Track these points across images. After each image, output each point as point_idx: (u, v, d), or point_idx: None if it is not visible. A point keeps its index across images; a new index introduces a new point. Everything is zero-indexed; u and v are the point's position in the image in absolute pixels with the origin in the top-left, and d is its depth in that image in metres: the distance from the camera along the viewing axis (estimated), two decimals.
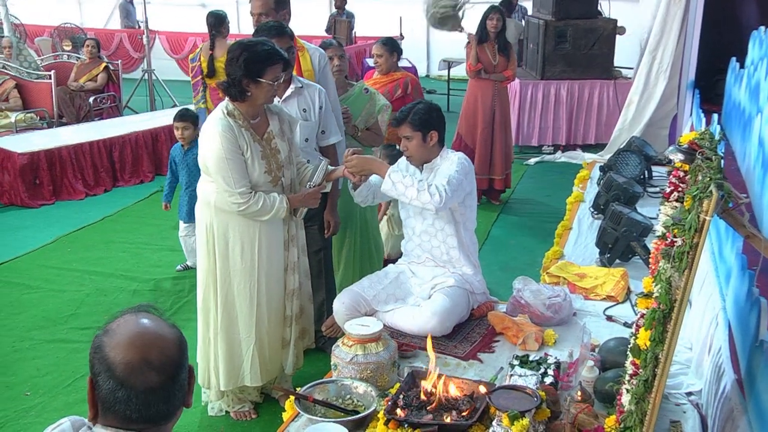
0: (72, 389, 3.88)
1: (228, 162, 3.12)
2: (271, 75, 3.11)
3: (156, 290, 4.98)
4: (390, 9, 13.08)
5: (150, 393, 1.40)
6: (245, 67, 3.08)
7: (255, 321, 3.32)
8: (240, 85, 3.11)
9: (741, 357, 2.37)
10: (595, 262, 4.14)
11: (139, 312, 1.49)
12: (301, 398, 2.66)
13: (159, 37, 14.15)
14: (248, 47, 3.14)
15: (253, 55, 3.09)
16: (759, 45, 4.47)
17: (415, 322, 3.25)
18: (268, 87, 3.12)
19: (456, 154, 3.43)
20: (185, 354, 1.49)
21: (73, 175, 7.16)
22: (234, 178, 3.13)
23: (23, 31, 11.92)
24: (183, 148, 5.22)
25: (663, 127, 7.72)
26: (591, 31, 8.58)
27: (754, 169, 3.51)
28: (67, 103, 8.96)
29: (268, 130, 3.27)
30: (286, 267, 3.41)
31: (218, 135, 3.11)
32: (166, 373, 1.42)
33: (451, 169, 3.30)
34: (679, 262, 2.03)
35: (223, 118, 3.15)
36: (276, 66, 3.12)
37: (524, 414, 2.27)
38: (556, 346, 3.17)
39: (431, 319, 3.20)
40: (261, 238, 3.29)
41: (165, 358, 1.42)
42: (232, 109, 3.18)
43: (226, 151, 3.11)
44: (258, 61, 3.09)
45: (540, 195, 7.12)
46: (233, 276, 3.31)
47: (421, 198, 3.15)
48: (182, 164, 5.19)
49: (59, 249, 5.81)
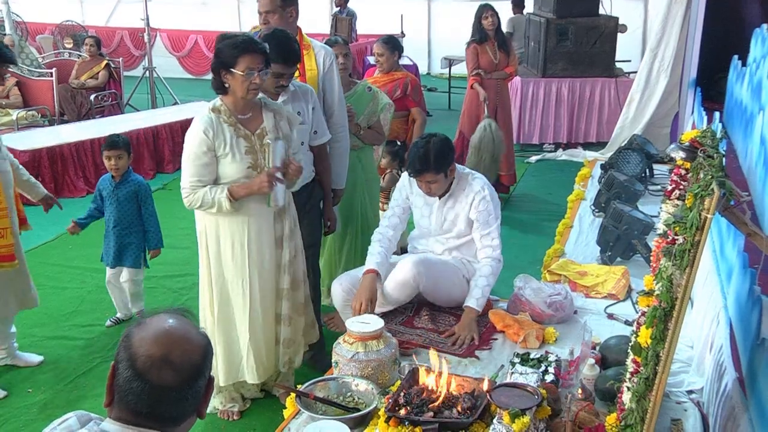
0: (74, 386, 3.88)
1: (189, 157, 3.14)
2: (244, 65, 3.05)
3: (157, 287, 4.98)
4: (391, 7, 13.08)
5: (163, 390, 1.41)
6: (217, 57, 3.10)
7: (248, 319, 3.32)
8: (219, 77, 3.12)
9: (742, 355, 2.37)
10: (596, 260, 4.14)
11: (174, 312, 1.51)
12: (302, 395, 2.66)
13: (160, 35, 14.16)
14: (225, 38, 3.13)
15: (226, 44, 3.08)
16: (761, 43, 4.46)
17: (396, 271, 3.35)
18: (242, 78, 3.06)
19: (476, 181, 3.46)
20: (208, 362, 1.50)
21: (75, 173, 7.16)
22: (188, 172, 3.16)
23: (25, 28, 11.92)
24: (113, 180, 4.39)
25: (664, 125, 7.71)
26: (592, 29, 8.57)
27: (756, 167, 3.51)
28: (69, 100, 8.97)
29: (261, 126, 3.23)
30: (279, 266, 3.38)
31: (193, 130, 3.14)
32: (184, 374, 1.43)
33: (477, 204, 3.39)
34: (680, 260, 2.03)
35: (207, 113, 3.16)
36: (249, 56, 3.05)
37: (525, 412, 2.28)
38: (557, 344, 3.17)
39: (404, 267, 3.33)
40: (251, 236, 3.27)
41: (186, 360, 1.43)
42: (219, 104, 3.19)
43: (192, 145, 3.13)
44: (230, 49, 3.06)
45: (541, 193, 7.11)
46: (226, 274, 3.32)
47: (496, 275, 3.39)
48: (111, 199, 4.38)
49: (61, 246, 5.81)
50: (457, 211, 3.47)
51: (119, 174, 4.36)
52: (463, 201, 3.45)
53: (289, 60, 3.46)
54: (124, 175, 4.36)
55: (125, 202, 4.34)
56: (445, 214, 3.50)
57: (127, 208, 4.32)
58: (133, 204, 4.33)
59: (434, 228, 3.54)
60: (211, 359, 1.52)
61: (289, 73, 3.50)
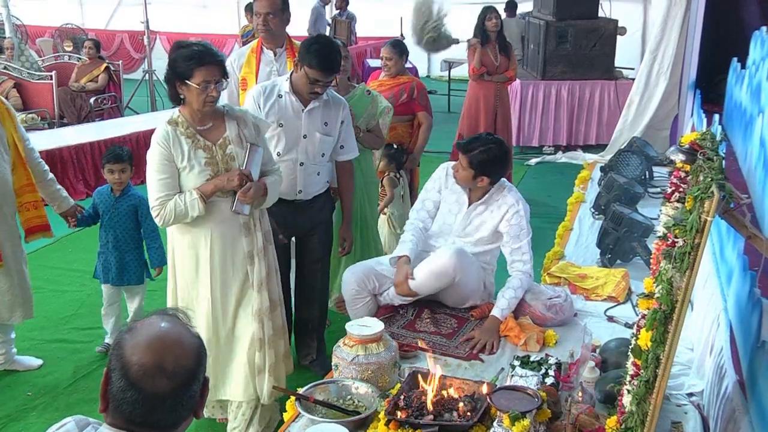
0: (73, 389, 3.88)
1: (152, 173, 2.99)
2: (200, 78, 2.88)
3: (156, 291, 4.97)
4: (391, 9, 13.09)
5: (157, 399, 1.38)
6: (172, 68, 2.93)
7: (212, 340, 3.14)
8: (174, 88, 2.97)
9: (742, 358, 2.37)
10: (596, 263, 4.14)
11: (165, 315, 1.48)
12: (302, 399, 2.66)
13: (160, 38, 14.17)
14: (180, 46, 2.97)
15: (180, 55, 2.91)
16: (761, 45, 4.46)
17: (433, 260, 3.34)
18: (198, 91, 2.90)
19: (511, 194, 3.50)
20: (201, 364, 1.47)
21: (74, 176, 7.16)
22: (154, 189, 2.99)
23: (25, 32, 11.94)
24: (113, 194, 4.14)
25: (664, 127, 7.72)
26: (592, 31, 8.58)
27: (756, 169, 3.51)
28: (68, 103, 8.97)
29: (224, 136, 3.05)
30: (252, 284, 3.16)
31: (153, 144, 3.00)
32: (178, 381, 1.40)
33: (510, 218, 3.42)
34: (680, 263, 2.03)
35: (164, 126, 3.01)
36: (205, 68, 2.89)
37: (525, 415, 2.27)
38: (557, 347, 3.17)
39: (443, 254, 3.32)
40: (214, 249, 3.09)
41: (179, 366, 1.40)
42: (177, 116, 3.03)
43: (153, 162, 2.99)
44: (184, 61, 2.89)
45: (541, 195, 7.11)
46: (191, 291, 3.16)
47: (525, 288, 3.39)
48: (110, 214, 4.12)
49: (60, 249, 5.81)
50: (484, 218, 3.48)
51: (120, 188, 4.13)
52: (494, 211, 3.46)
53: (328, 69, 3.41)
54: (124, 189, 4.13)
55: (125, 217, 4.12)
56: (471, 219, 3.50)
57: (128, 224, 4.12)
58: (133, 219, 4.13)
59: (457, 228, 3.54)
60: (205, 361, 1.49)
61: (325, 81, 3.44)
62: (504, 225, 3.44)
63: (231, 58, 3.95)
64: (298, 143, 3.54)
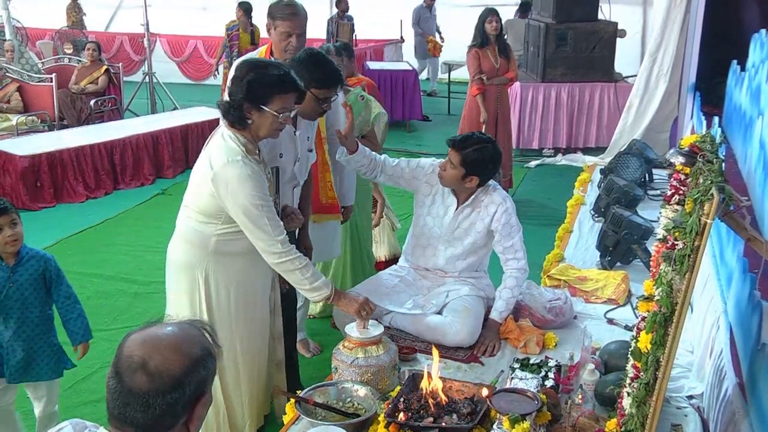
0: (73, 392, 3.88)
1: (262, 208, 2.69)
2: (279, 104, 2.68)
3: (156, 293, 4.98)
4: (390, 12, 13.09)
5: (132, 394, 1.38)
6: (248, 90, 2.66)
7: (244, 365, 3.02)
8: (240, 110, 2.69)
9: (742, 360, 2.37)
10: (596, 265, 4.13)
11: (184, 323, 1.49)
12: (302, 401, 2.66)
13: (160, 40, 14.18)
14: (258, 66, 2.73)
15: (260, 77, 2.67)
16: (760, 48, 4.46)
17: (447, 334, 3.21)
18: (273, 118, 2.69)
19: (497, 192, 3.39)
20: (192, 375, 1.42)
21: (74, 178, 7.16)
22: (272, 225, 2.71)
23: (25, 34, 11.94)
24: (5, 263, 2.97)
25: (664, 130, 7.72)
26: (592, 34, 8.59)
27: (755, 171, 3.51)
28: (68, 105, 8.98)
29: (262, 158, 2.89)
30: (272, 309, 3.10)
31: (243, 180, 2.66)
32: (157, 383, 1.38)
33: (500, 216, 3.32)
34: (680, 265, 2.03)
35: (241, 156, 2.69)
36: (286, 96, 2.71)
37: (525, 417, 2.27)
38: (557, 349, 3.17)
39: (461, 331, 3.21)
40: (258, 280, 2.97)
41: (164, 369, 1.39)
42: (245, 141, 2.74)
43: (260, 196, 2.68)
44: (265, 86, 2.67)
45: (541, 198, 7.12)
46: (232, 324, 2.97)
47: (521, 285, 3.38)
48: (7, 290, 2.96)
49: (60, 251, 5.80)
50: (473, 220, 3.38)
51: (14, 253, 2.97)
52: (482, 212, 3.36)
53: (337, 82, 3.23)
54: (20, 252, 3.00)
55: (29, 290, 3.01)
56: (459, 222, 3.39)
57: (33, 299, 3.02)
58: (40, 289, 3.05)
59: (445, 232, 3.42)
60: (203, 375, 1.44)
61: (335, 94, 3.30)
62: (495, 224, 3.35)
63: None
64: (294, 167, 3.29)
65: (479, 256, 3.49)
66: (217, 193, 2.71)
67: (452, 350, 3.18)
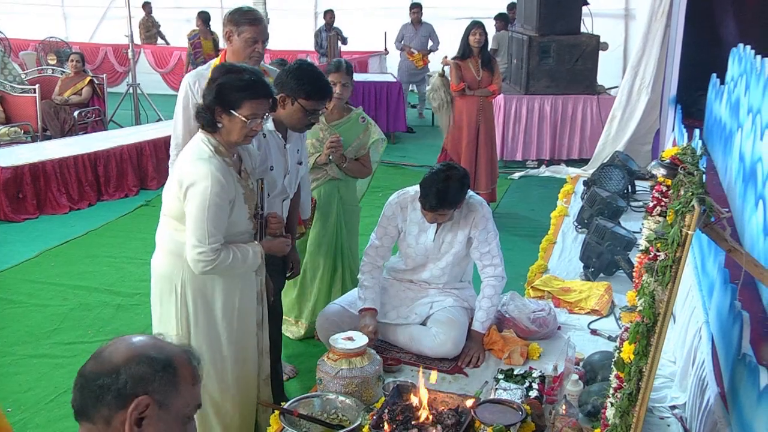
0: (55, 405, 3.83)
1: (210, 210, 2.62)
2: (249, 110, 2.64)
3: (140, 305, 4.94)
4: (375, 23, 13.14)
5: (78, 376, 1.47)
6: (218, 94, 2.65)
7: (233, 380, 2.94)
8: (212, 113, 2.67)
9: (724, 370, 2.39)
10: (579, 276, 4.16)
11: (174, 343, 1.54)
12: (286, 413, 2.65)
13: (144, 51, 14.14)
14: (230, 71, 2.72)
15: (231, 81, 2.66)
16: (738, 62, 4.53)
17: (431, 346, 3.24)
18: (242, 124, 2.65)
19: (472, 199, 3.41)
20: (130, 368, 1.42)
21: (58, 189, 7.11)
22: (209, 230, 2.63)
23: (8, 44, 11.88)
24: None
25: (646, 142, 7.79)
26: (574, 46, 8.66)
27: (736, 183, 3.55)
28: (52, 116, 8.92)
29: (243, 168, 2.83)
30: (259, 323, 2.99)
31: (208, 177, 2.62)
32: (98, 367, 1.45)
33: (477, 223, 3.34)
34: (662, 276, 2.05)
35: (211, 156, 2.66)
36: (257, 102, 2.66)
37: (509, 428, 2.28)
38: (541, 360, 3.18)
39: (446, 343, 3.23)
40: (243, 293, 2.88)
41: (109, 355, 1.46)
42: (216, 143, 2.70)
43: (215, 195, 2.62)
44: (235, 90, 2.65)
45: (524, 209, 7.15)
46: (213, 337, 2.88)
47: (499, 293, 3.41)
48: None
49: (43, 263, 5.76)
50: (454, 231, 3.39)
51: None
52: (461, 221, 3.37)
53: (326, 94, 3.19)
54: None
55: None
56: (443, 237, 3.40)
57: None
58: None
59: (431, 253, 3.42)
60: (145, 372, 1.42)
61: (324, 107, 3.28)
62: (474, 231, 3.36)
63: (188, 80, 3.40)
64: (284, 180, 3.27)
65: (462, 266, 3.50)
66: (181, 191, 2.67)
67: (437, 361, 3.19)
